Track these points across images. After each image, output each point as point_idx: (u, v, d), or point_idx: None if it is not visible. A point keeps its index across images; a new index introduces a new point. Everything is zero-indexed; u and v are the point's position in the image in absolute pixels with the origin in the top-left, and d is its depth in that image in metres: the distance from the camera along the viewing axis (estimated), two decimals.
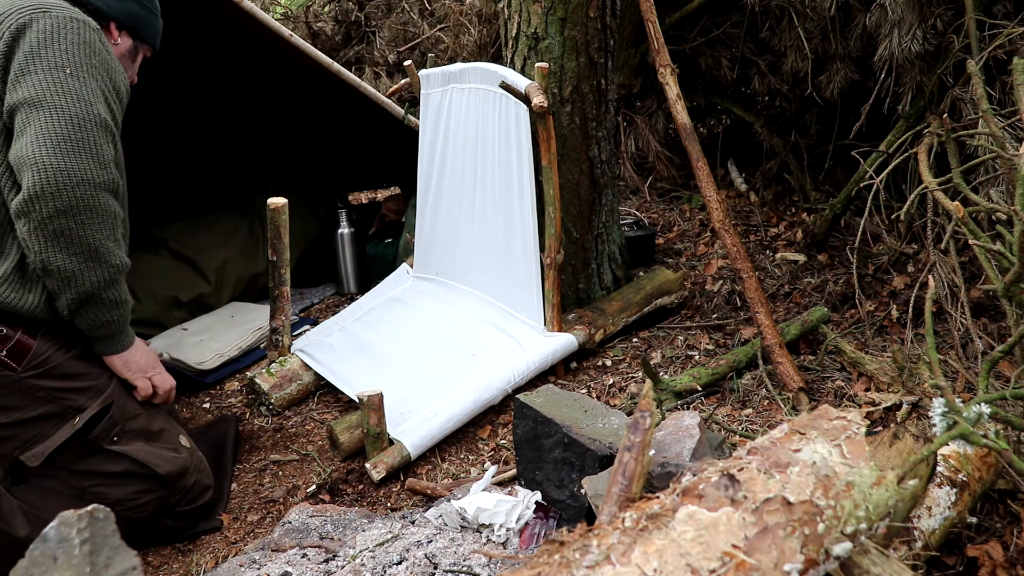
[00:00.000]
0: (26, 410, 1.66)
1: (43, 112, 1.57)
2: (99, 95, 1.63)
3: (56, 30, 1.61)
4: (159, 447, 1.80)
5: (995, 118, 1.94)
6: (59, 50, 1.60)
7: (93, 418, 1.71)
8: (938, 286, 2.13)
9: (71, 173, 1.57)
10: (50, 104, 1.57)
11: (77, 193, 1.57)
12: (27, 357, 1.64)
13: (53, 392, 1.68)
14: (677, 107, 2.45)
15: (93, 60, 1.64)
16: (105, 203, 1.62)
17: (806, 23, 2.90)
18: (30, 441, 1.68)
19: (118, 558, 0.84)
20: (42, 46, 1.60)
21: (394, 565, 1.44)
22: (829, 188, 3.28)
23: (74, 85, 1.60)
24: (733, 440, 1.90)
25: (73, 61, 1.61)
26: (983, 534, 1.43)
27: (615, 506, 1.08)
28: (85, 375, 1.72)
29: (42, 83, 1.58)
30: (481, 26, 3.91)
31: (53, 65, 1.59)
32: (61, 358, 1.69)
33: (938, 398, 1.17)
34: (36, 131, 1.56)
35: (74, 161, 1.57)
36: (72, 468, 1.72)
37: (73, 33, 1.62)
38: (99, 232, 1.62)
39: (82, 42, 1.63)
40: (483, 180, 2.42)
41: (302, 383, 2.39)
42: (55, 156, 1.56)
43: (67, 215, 1.57)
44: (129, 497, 1.75)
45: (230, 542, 1.87)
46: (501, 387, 2.19)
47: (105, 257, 1.65)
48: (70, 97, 1.59)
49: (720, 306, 2.64)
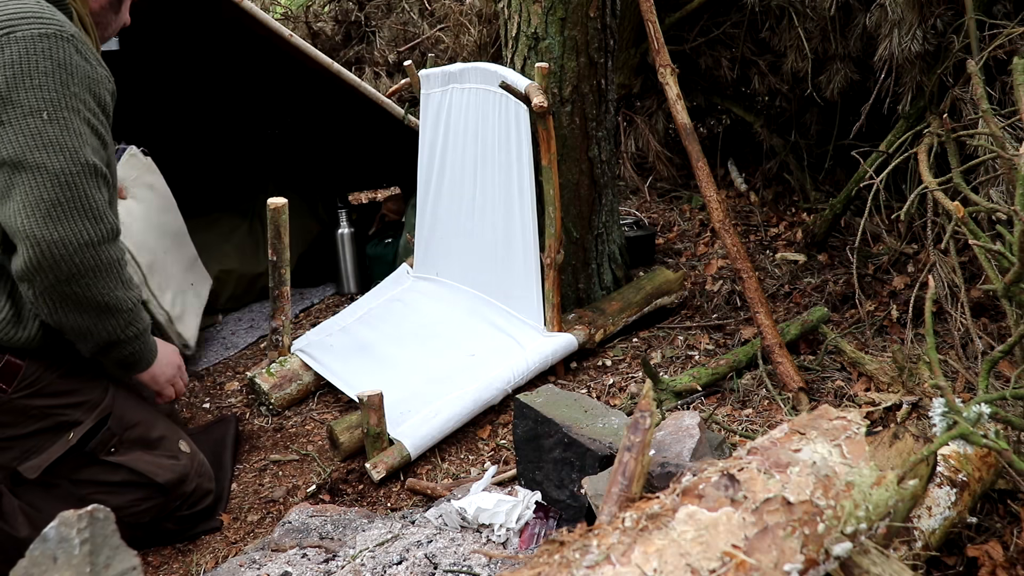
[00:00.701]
0: (20, 427, 1.65)
1: (26, 174, 1.44)
2: (83, 132, 1.49)
3: (25, 61, 1.44)
4: (158, 455, 1.79)
5: (995, 118, 1.94)
6: (32, 88, 1.44)
7: (90, 430, 1.70)
8: (938, 286, 2.13)
9: (67, 242, 1.46)
10: (32, 164, 1.44)
11: (76, 260, 1.48)
12: (17, 378, 1.61)
13: (46, 409, 1.66)
14: (677, 107, 2.45)
15: (71, 86, 1.48)
16: (107, 256, 1.53)
17: (806, 23, 2.90)
18: (27, 452, 1.67)
19: (118, 558, 0.84)
20: (12, 87, 1.43)
21: (394, 565, 1.44)
22: (829, 188, 3.28)
23: (54, 133, 1.45)
24: (733, 440, 1.90)
25: (49, 99, 1.45)
26: (983, 534, 1.43)
27: (615, 506, 1.08)
28: (78, 390, 1.69)
29: (19, 137, 1.43)
30: (481, 26, 3.91)
31: (28, 111, 1.44)
32: (52, 377, 1.66)
33: (938, 398, 1.17)
34: (22, 198, 1.44)
35: (68, 228, 1.46)
36: (71, 478, 1.72)
37: (44, 58, 1.45)
38: (106, 287, 1.55)
39: (56, 67, 1.46)
40: (483, 180, 2.42)
41: (302, 383, 2.39)
42: (47, 227, 1.44)
43: (70, 282, 1.50)
44: (128, 504, 1.75)
45: (230, 542, 1.87)
46: (501, 387, 2.19)
47: (116, 307, 1.58)
48: (52, 150, 1.45)
49: (720, 306, 2.64)
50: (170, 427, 1.88)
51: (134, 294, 1.63)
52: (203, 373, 2.67)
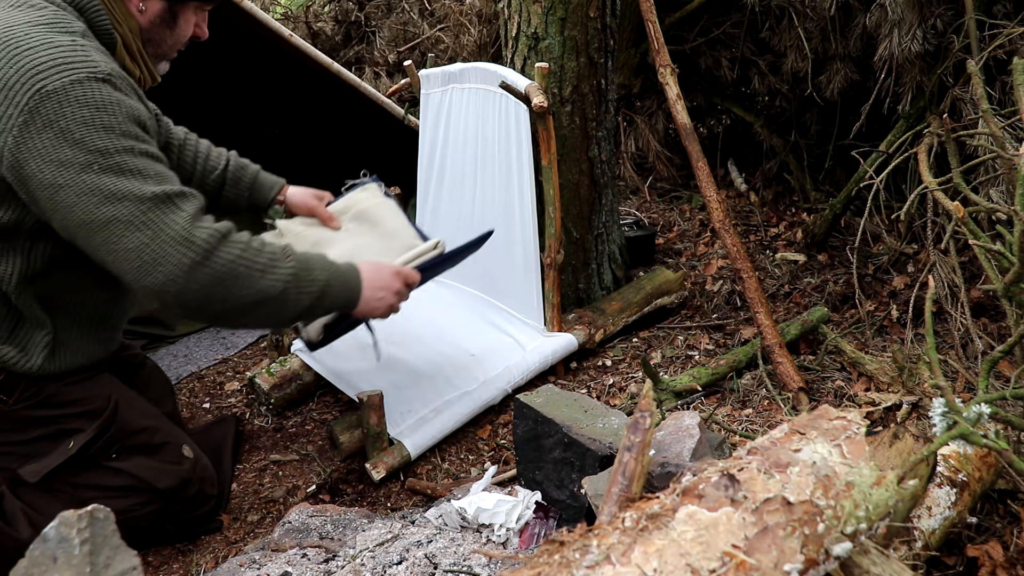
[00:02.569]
0: (20, 433, 1.65)
1: (101, 232, 1.38)
2: (140, 167, 1.42)
3: (62, 116, 1.36)
4: (160, 461, 1.79)
5: (995, 118, 1.94)
6: (77, 144, 1.37)
7: (92, 437, 1.70)
8: (938, 286, 2.13)
9: (175, 278, 1.40)
10: (101, 221, 1.38)
11: (194, 286, 1.41)
12: (19, 390, 1.61)
13: (47, 419, 1.65)
14: (677, 107, 2.45)
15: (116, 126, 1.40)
16: (222, 264, 1.43)
17: (806, 23, 2.90)
18: (27, 456, 1.66)
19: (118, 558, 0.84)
20: (58, 146, 1.36)
21: (394, 565, 1.44)
22: (829, 188, 3.28)
23: (112, 183, 1.38)
24: (733, 440, 1.90)
25: (97, 149, 1.37)
26: (983, 534, 1.43)
27: (615, 506, 1.08)
28: (81, 400, 1.69)
29: (81, 198, 1.37)
30: (481, 26, 3.91)
31: (81, 167, 1.37)
32: (55, 388, 1.65)
33: (938, 398, 1.17)
34: (112, 257, 1.40)
35: (166, 266, 1.40)
36: (72, 482, 1.71)
37: (81, 107, 1.37)
38: (243, 288, 1.46)
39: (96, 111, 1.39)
40: (483, 180, 2.42)
41: (302, 383, 2.39)
42: (149, 275, 1.39)
43: (208, 305, 1.44)
44: (129, 509, 1.74)
45: (230, 542, 1.87)
46: (501, 387, 2.19)
47: (269, 294, 1.48)
48: (114, 200, 1.38)
49: (720, 306, 2.64)
50: (174, 433, 1.87)
51: (282, 271, 1.50)
52: (203, 373, 2.67)
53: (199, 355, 2.78)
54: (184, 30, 1.67)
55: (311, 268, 1.56)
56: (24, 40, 1.39)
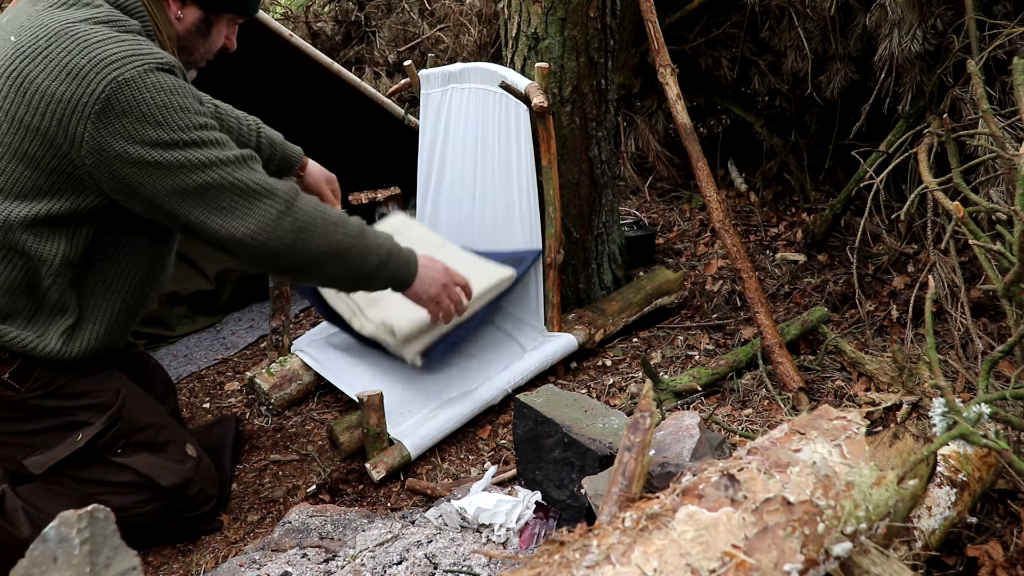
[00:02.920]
0: (28, 423, 1.65)
1: (197, 196, 1.51)
2: (217, 138, 1.54)
3: (144, 100, 1.45)
4: (164, 458, 1.79)
5: (995, 118, 1.94)
6: (159, 125, 1.46)
7: (99, 431, 1.70)
8: (938, 286, 2.13)
9: (264, 226, 1.54)
10: (196, 186, 1.50)
11: (280, 232, 1.55)
12: (31, 378, 1.62)
13: (57, 410, 1.66)
14: (677, 107, 2.45)
15: (191, 104, 1.51)
16: (302, 213, 1.58)
17: (806, 23, 2.90)
18: (33, 448, 1.67)
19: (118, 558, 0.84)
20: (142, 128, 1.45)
21: (394, 565, 1.44)
22: (829, 188, 3.28)
23: (200, 155, 1.50)
24: (733, 440, 1.90)
25: (180, 126, 1.48)
26: (983, 534, 1.43)
27: (615, 506, 1.08)
28: (90, 393, 1.70)
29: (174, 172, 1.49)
30: (481, 26, 3.91)
31: (169, 143, 1.47)
32: (66, 379, 1.66)
33: (938, 398, 1.17)
34: (205, 216, 1.52)
35: (257, 214, 1.54)
36: (75, 476, 1.72)
37: (157, 93, 1.46)
38: (322, 236, 1.60)
39: (171, 94, 1.48)
40: (483, 180, 2.42)
41: (302, 383, 2.39)
42: (241, 225, 1.53)
43: (291, 253, 1.58)
44: (131, 506, 1.75)
45: (230, 542, 1.87)
46: (501, 387, 2.19)
47: (341, 246, 1.62)
48: (204, 169, 1.50)
49: (720, 306, 2.64)
50: (178, 431, 1.88)
51: (353, 226, 1.66)
52: (203, 373, 2.67)
53: (199, 355, 2.78)
54: (216, 40, 1.76)
55: (376, 234, 1.71)
56: (91, 34, 1.47)
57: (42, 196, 1.52)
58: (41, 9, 1.53)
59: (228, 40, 1.79)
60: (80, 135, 1.45)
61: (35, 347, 1.59)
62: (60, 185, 1.51)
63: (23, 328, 1.59)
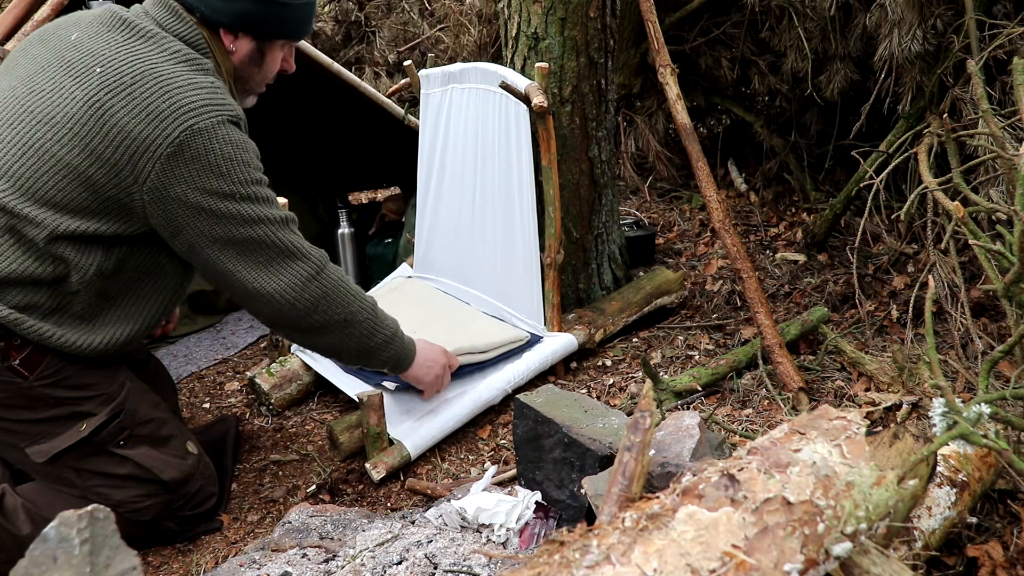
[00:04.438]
0: (34, 411, 1.66)
1: (238, 247, 1.61)
2: (267, 195, 1.64)
3: (211, 152, 1.55)
4: (165, 453, 1.80)
5: (995, 118, 1.94)
6: (221, 176, 1.56)
7: (103, 423, 1.71)
8: (938, 286, 2.13)
9: (292, 285, 1.66)
10: (240, 239, 1.61)
11: (306, 295, 1.67)
12: (40, 367, 1.63)
13: (63, 399, 1.67)
14: (677, 107, 2.45)
15: (251, 161, 1.62)
16: (329, 280, 1.71)
17: (806, 23, 2.90)
18: (37, 436, 1.68)
19: (118, 558, 0.84)
20: (204, 178, 1.55)
21: (394, 565, 1.44)
22: (829, 188, 3.28)
23: (250, 210, 1.60)
24: (733, 440, 1.90)
25: (239, 180, 1.58)
26: (983, 534, 1.43)
27: (615, 506, 1.08)
28: (96, 384, 1.71)
29: (224, 223, 1.58)
30: (481, 26, 3.91)
31: (224, 195, 1.57)
32: (73, 369, 1.67)
33: (938, 398, 1.17)
34: (243, 268, 1.63)
35: (287, 274, 1.65)
36: (77, 467, 1.72)
37: (226, 144, 1.56)
38: (340, 305, 1.72)
39: (235, 149, 1.58)
40: (483, 180, 2.42)
41: (302, 383, 2.39)
42: (272, 281, 1.64)
43: (310, 315, 1.69)
44: (131, 500, 1.75)
45: (230, 542, 1.87)
46: (501, 387, 2.19)
47: (355, 318, 1.75)
48: (253, 224, 1.61)
49: (720, 306, 2.64)
50: (180, 427, 1.89)
51: (368, 302, 1.79)
52: (203, 373, 2.67)
53: (199, 355, 2.78)
54: (271, 66, 1.80)
55: (385, 315, 1.86)
56: (174, 78, 1.56)
57: (92, 216, 1.58)
58: (122, 40, 1.59)
59: (285, 63, 1.84)
60: (147, 173, 1.54)
61: (50, 337, 1.61)
62: (112, 210, 1.58)
63: (40, 320, 1.61)
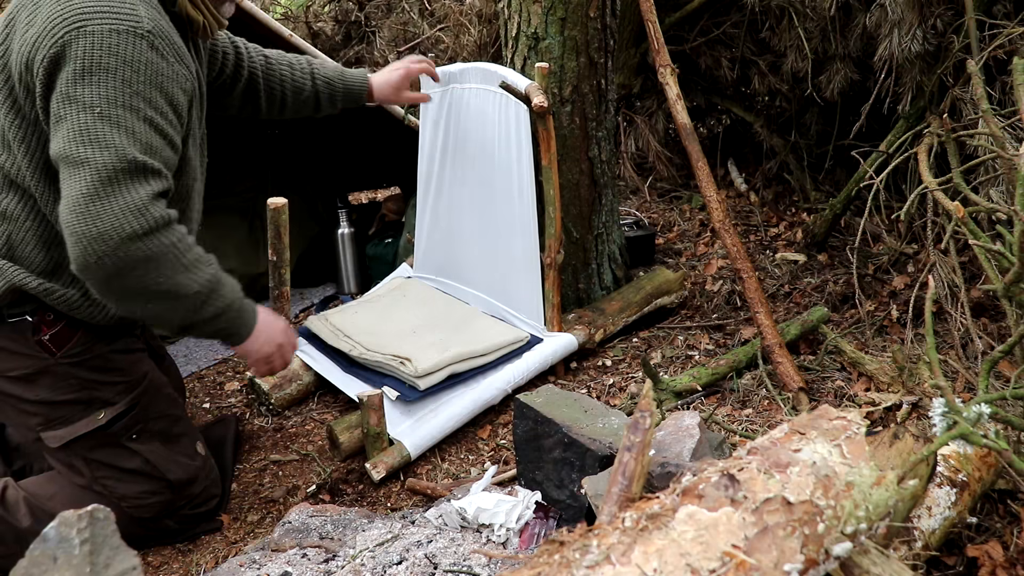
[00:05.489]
0: (55, 392, 1.65)
1: (71, 169, 1.43)
2: (138, 130, 1.46)
3: (90, 57, 1.42)
4: (175, 452, 1.80)
5: (995, 118, 1.94)
6: (92, 84, 1.42)
7: (119, 414, 1.71)
8: (938, 286, 2.13)
9: (108, 237, 1.42)
10: (76, 159, 1.43)
11: (120, 253, 1.43)
12: (68, 344, 1.63)
13: (86, 382, 1.67)
14: (677, 107, 2.45)
15: (135, 83, 1.45)
16: (157, 247, 1.47)
17: (806, 23, 2.90)
18: (53, 421, 1.67)
19: (118, 558, 0.84)
20: (74, 83, 1.42)
21: (394, 565, 1.44)
22: (829, 188, 3.28)
23: (103, 130, 1.43)
24: (733, 440, 1.90)
25: (107, 96, 1.43)
26: (983, 534, 1.43)
27: (615, 506, 1.08)
28: (120, 370, 1.71)
29: (71, 133, 1.43)
30: (481, 26, 3.91)
31: (83, 106, 1.42)
32: (103, 349, 1.68)
33: (938, 398, 1.17)
34: (67, 192, 1.43)
35: (108, 221, 1.42)
36: (88, 456, 1.72)
37: (109, 55, 1.42)
38: (162, 275, 1.49)
39: (122, 63, 1.43)
40: (483, 180, 2.42)
41: (302, 383, 2.39)
42: (86, 222, 1.42)
43: (121, 276, 1.45)
44: (135, 495, 1.75)
45: (230, 542, 1.87)
46: (501, 387, 2.19)
47: (180, 291, 1.51)
48: (97, 146, 1.42)
49: (720, 306, 2.64)
50: (191, 427, 1.90)
51: (202, 275, 1.55)
52: (203, 373, 2.67)
53: (199, 355, 2.78)
54: None
55: (223, 286, 1.59)
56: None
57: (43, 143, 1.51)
58: None
59: None
60: (38, 81, 1.45)
61: (79, 306, 1.61)
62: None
63: (68, 286, 1.60)
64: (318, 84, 2.11)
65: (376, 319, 2.48)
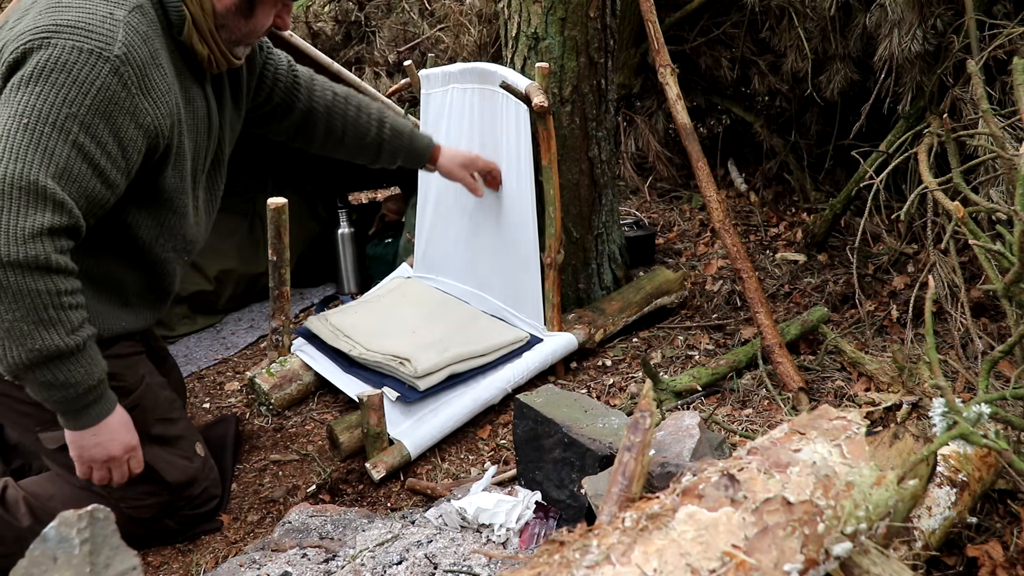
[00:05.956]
0: None
1: None
2: (59, 154, 1.37)
3: (42, 68, 1.36)
4: (173, 453, 1.80)
5: (995, 118, 1.94)
6: (31, 95, 1.35)
7: None
8: (938, 286, 2.13)
9: None
10: None
11: None
12: None
13: None
14: (677, 107, 2.45)
15: (78, 107, 1.37)
16: (17, 283, 1.34)
17: (806, 23, 2.90)
18: (51, 423, 1.64)
19: (118, 558, 0.84)
20: (17, 88, 1.36)
21: (394, 565, 1.44)
22: (829, 188, 3.28)
23: (20, 141, 1.34)
24: (733, 440, 1.90)
25: (40, 109, 1.35)
26: (983, 534, 1.43)
27: (615, 506, 1.08)
28: (118, 375, 1.69)
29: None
30: (481, 26, 3.91)
31: (13, 112, 1.35)
32: None
33: (938, 398, 1.17)
34: None
35: None
36: None
37: (61, 71, 1.36)
38: (8, 313, 1.35)
39: (71, 82, 1.36)
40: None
41: (302, 383, 2.39)
42: None
43: None
44: (134, 496, 1.75)
45: (230, 542, 1.87)
46: (501, 387, 2.19)
47: (18, 340, 1.37)
48: (7, 155, 1.34)
49: (720, 306, 2.64)
50: (190, 428, 1.89)
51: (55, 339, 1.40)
52: (203, 373, 2.67)
53: (199, 355, 2.78)
54: (262, 21, 1.64)
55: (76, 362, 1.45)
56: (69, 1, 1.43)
57: None
58: None
59: (280, 20, 1.68)
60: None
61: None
62: None
63: None
64: (384, 133, 2.10)
65: (376, 319, 2.48)
